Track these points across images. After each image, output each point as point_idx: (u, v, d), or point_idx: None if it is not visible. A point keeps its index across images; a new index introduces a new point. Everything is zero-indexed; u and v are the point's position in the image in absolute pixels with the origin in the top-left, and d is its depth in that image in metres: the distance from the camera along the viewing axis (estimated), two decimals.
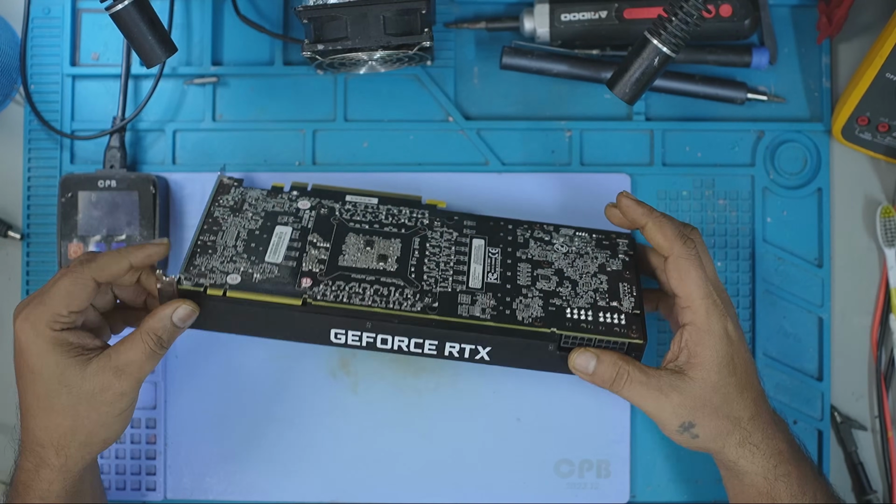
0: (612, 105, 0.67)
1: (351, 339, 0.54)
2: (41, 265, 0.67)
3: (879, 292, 0.66)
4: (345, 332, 0.54)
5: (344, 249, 0.56)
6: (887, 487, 0.65)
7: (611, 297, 0.56)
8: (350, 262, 0.56)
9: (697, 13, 0.54)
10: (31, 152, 0.67)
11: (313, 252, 0.56)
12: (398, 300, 0.54)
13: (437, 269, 0.56)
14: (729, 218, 0.66)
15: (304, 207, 0.58)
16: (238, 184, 0.61)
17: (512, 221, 0.61)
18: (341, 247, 0.56)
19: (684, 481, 0.66)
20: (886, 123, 0.63)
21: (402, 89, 0.67)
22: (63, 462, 0.54)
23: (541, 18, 0.65)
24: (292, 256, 0.56)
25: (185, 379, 0.66)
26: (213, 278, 0.54)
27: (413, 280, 0.55)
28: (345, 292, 0.54)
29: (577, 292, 0.57)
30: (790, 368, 0.66)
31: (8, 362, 0.67)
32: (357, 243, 0.57)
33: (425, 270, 0.56)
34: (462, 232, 0.59)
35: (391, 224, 0.58)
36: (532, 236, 0.60)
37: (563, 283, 0.57)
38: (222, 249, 0.56)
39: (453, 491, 0.65)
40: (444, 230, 0.58)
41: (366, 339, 0.54)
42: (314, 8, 0.58)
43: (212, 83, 0.67)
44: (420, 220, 0.59)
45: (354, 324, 0.53)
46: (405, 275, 0.55)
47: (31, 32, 0.67)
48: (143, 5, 0.54)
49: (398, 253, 0.57)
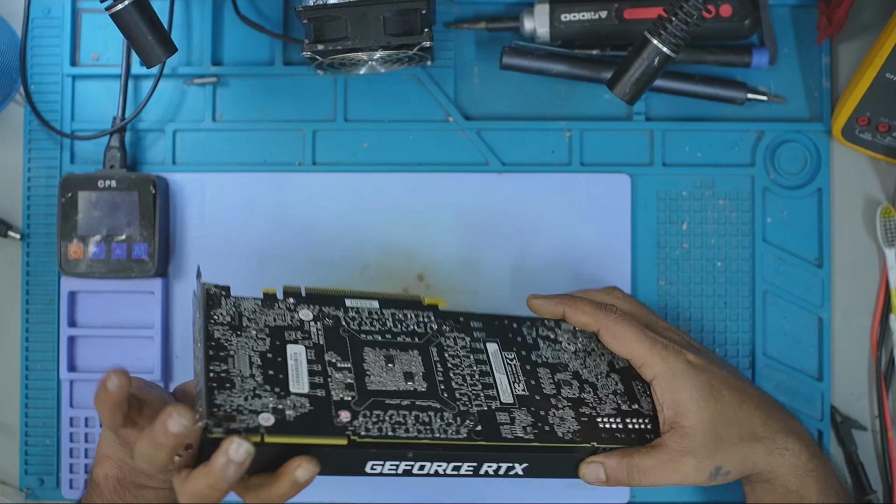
0: (612, 105, 0.67)
1: (388, 469, 0.51)
2: (41, 265, 0.67)
3: (879, 292, 0.66)
4: (382, 464, 0.51)
5: (367, 369, 0.53)
6: (887, 487, 0.65)
7: (630, 399, 0.57)
8: (378, 385, 0.52)
9: (697, 13, 0.54)
10: (31, 152, 0.67)
11: (337, 376, 0.52)
12: (441, 427, 0.51)
13: (465, 384, 0.54)
14: (729, 218, 0.66)
15: (307, 319, 0.54)
16: (226, 292, 0.54)
17: (515, 319, 0.59)
18: (363, 366, 0.53)
19: None
20: (886, 123, 0.63)
21: (402, 89, 0.67)
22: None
23: (541, 18, 0.65)
24: (318, 383, 0.51)
25: (185, 379, 0.65)
26: (243, 421, 0.47)
27: (447, 400, 0.53)
28: (387, 423, 0.50)
29: (600, 397, 0.56)
30: (790, 368, 0.66)
31: (8, 363, 0.67)
32: (377, 360, 0.54)
33: (455, 387, 0.54)
34: (473, 336, 0.58)
35: (402, 332, 0.56)
36: (538, 335, 0.59)
37: (585, 387, 0.57)
38: (241, 382, 0.49)
39: (453, 491, 0.65)
40: (455, 335, 0.57)
41: (403, 467, 0.51)
42: (314, 8, 0.58)
43: (212, 83, 0.67)
44: (429, 326, 0.57)
45: (396, 454, 0.50)
46: (438, 395, 0.53)
47: (31, 32, 0.67)
48: (143, 5, 0.54)
49: (422, 368, 0.54)
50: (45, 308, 0.66)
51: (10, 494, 0.66)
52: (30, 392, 0.66)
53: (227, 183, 0.66)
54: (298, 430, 0.48)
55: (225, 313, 0.53)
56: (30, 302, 0.67)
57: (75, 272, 0.64)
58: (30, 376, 0.66)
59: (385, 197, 0.66)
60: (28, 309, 0.67)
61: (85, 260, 0.64)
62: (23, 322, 0.67)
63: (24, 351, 0.66)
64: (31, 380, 0.66)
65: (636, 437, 0.55)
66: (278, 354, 0.52)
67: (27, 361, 0.66)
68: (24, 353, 0.66)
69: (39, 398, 0.66)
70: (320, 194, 0.66)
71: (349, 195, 0.66)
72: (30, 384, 0.66)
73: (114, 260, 0.64)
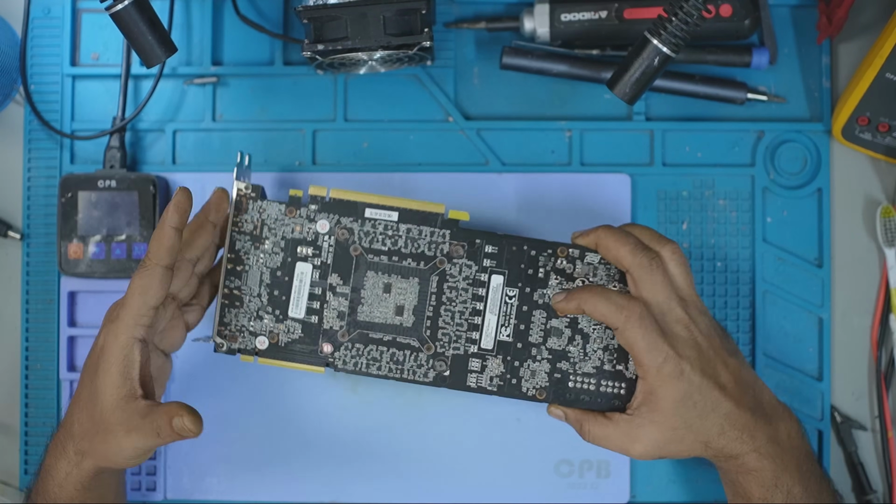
0: (612, 105, 0.67)
1: None
2: (41, 265, 0.67)
3: (879, 292, 0.66)
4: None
5: (363, 296, 0.58)
6: (887, 487, 0.65)
7: (618, 359, 0.58)
8: (368, 317, 0.58)
9: (697, 13, 0.54)
10: (31, 152, 0.67)
11: (333, 303, 0.58)
12: (412, 368, 0.58)
13: (452, 322, 0.58)
14: (729, 218, 0.66)
15: (322, 231, 0.58)
16: (255, 195, 0.59)
17: (536, 245, 0.58)
18: (360, 293, 0.58)
19: (684, 481, 0.66)
20: (886, 123, 0.63)
21: (402, 89, 0.67)
22: (78, 460, 0.55)
23: (541, 18, 0.65)
24: (314, 309, 0.58)
25: (186, 379, 0.66)
26: (243, 342, 0.59)
27: (427, 339, 0.58)
28: (363, 358, 0.58)
29: (586, 351, 0.58)
30: (790, 368, 0.66)
31: (8, 363, 0.67)
32: (375, 288, 0.58)
33: (440, 325, 0.58)
34: (482, 265, 0.58)
35: (409, 255, 0.58)
36: (554, 267, 0.58)
37: (575, 338, 0.58)
38: (248, 301, 0.59)
39: (453, 491, 0.65)
40: (462, 262, 0.58)
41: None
42: (314, 8, 0.58)
43: (212, 83, 0.67)
44: (440, 248, 0.58)
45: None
46: (420, 333, 0.58)
47: (31, 32, 0.67)
48: (143, 5, 0.54)
49: (415, 300, 0.58)
50: (45, 308, 0.66)
51: (10, 494, 0.66)
52: (30, 392, 0.67)
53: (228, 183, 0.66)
54: (286, 356, 0.59)
55: (249, 220, 0.59)
56: (30, 302, 0.67)
57: (75, 272, 0.64)
58: (30, 376, 0.67)
59: None
60: (28, 309, 0.67)
61: (85, 260, 0.64)
62: (23, 322, 0.67)
63: (24, 351, 0.67)
64: (31, 380, 0.66)
65: (603, 400, 0.58)
66: (287, 273, 0.59)
67: (27, 361, 0.66)
68: (24, 353, 0.67)
69: (39, 398, 0.66)
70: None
71: None
72: (30, 384, 0.67)
73: (114, 260, 0.64)
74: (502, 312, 0.58)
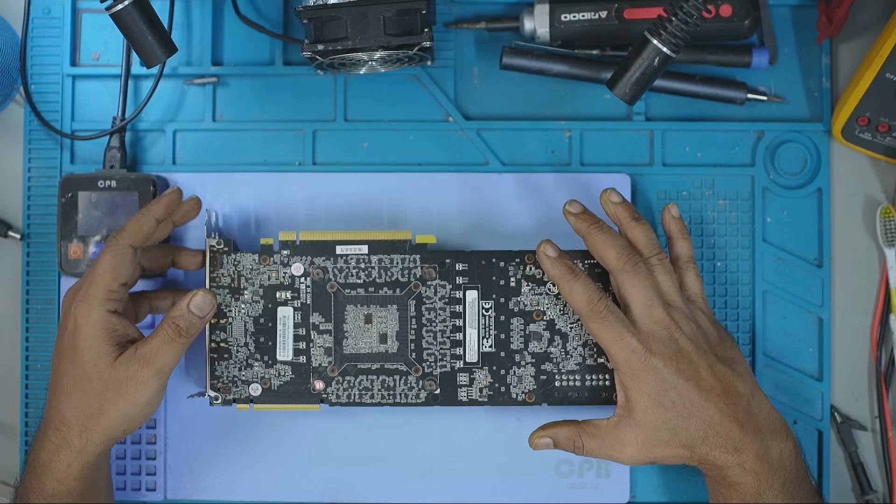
0: (612, 105, 0.67)
1: None
2: (41, 265, 0.67)
3: (879, 292, 0.66)
4: None
5: (346, 330, 0.60)
6: (887, 487, 0.65)
7: (598, 352, 0.60)
8: (354, 349, 0.60)
9: (697, 13, 0.54)
10: (31, 152, 0.67)
11: (318, 341, 0.60)
12: (403, 392, 0.60)
13: (435, 342, 0.60)
14: (729, 218, 0.66)
15: (297, 274, 0.60)
16: (227, 249, 0.60)
17: (504, 257, 0.60)
18: (343, 327, 0.60)
19: (684, 481, 0.66)
20: (886, 123, 0.63)
21: (402, 89, 0.67)
22: (83, 445, 0.56)
23: (541, 18, 0.65)
24: (301, 349, 0.60)
25: (186, 379, 0.66)
26: (237, 392, 0.60)
27: (414, 361, 0.60)
28: (355, 389, 0.60)
29: (567, 350, 0.60)
30: (790, 368, 0.66)
31: (8, 363, 0.67)
32: (357, 320, 0.60)
33: (424, 346, 0.60)
34: (455, 282, 0.60)
35: (385, 283, 0.60)
36: (525, 275, 0.60)
37: (554, 339, 0.60)
38: (236, 351, 0.60)
39: (453, 491, 0.65)
40: (436, 283, 0.60)
41: None
42: (314, 8, 0.58)
43: (212, 83, 0.67)
44: (413, 272, 0.60)
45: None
46: (406, 356, 0.60)
47: (31, 32, 0.67)
48: (143, 5, 0.54)
49: (396, 326, 0.60)
50: (45, 308, 0.66)
51: (10, 494, 0.66)
52: (30, 392, 0.67)
53: (227, 183, 0.66)
54: (280, 399, 0.60)
55: (226, 274, 0.60)
56: (30, 302, 0.67)
57: (75, 272, 0.64)
58: (30, 376, 0.67)
59: (385, 197, 0.66)
60: (28, 309, 0.67)
61: (85, 260, 0.64)
62: (23, 322, 0.67)
63: (24, 351, 0.67)
64: (31, 380, 0.66)
65: (590, 394, 0.60)
66: (269, 319, 0.60)
67: (27, 361, 0.66)
68: (24, 353, 0.67)
69: (39, 398, 0.66)
70: (320, 194, 0.66)
71: (349, 195, 0.66)
72: (30, 384, 0.67)
73: None
74: (481, 325, 0.60)
